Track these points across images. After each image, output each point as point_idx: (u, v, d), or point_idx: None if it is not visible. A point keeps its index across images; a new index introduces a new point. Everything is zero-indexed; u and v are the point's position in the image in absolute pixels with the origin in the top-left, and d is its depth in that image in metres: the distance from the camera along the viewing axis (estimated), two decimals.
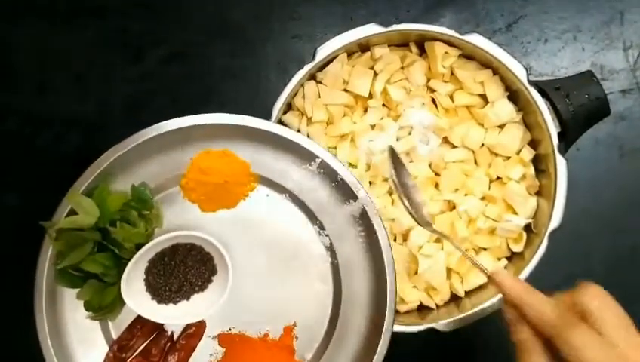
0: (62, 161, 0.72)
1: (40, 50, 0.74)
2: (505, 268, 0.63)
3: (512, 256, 0.64)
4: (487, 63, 0.63)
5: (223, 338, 0.57)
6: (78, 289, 0.54)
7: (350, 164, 0.63)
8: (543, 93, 0.60)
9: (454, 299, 0.64)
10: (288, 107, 0.64)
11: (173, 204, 0.57)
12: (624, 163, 0.71)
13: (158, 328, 0.56)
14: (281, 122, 0.63)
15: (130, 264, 0.52)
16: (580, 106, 0.60)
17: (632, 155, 0.71)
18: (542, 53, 0.72)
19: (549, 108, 0.60)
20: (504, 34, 0.72)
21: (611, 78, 0.72)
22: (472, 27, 0.72)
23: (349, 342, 0.56)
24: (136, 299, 0.53)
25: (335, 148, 0.63)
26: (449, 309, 0.62)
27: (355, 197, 0.55)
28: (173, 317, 0.54)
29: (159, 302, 0.54)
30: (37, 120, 0.73)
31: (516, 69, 0.60)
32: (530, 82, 0.60)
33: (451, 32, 0.60)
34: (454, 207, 0.63)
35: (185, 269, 0.55)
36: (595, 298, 0.39)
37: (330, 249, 0.57)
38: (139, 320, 0.55)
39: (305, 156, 0.56)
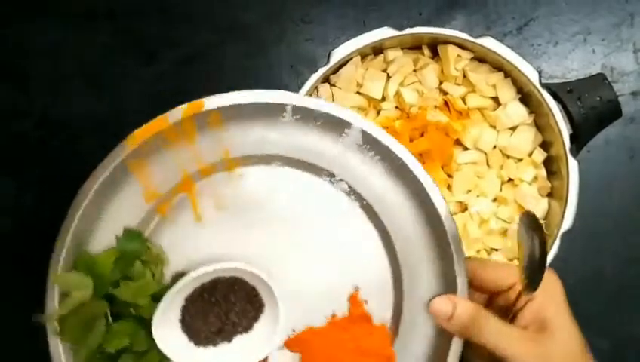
0: (77, 161, 0.73)
1: (54, 52, 0.75)
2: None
3: None
4: (499, 66, 0.63)
5: (291, 345, 0.49)
6: None
7: None
8: (555, 96, 0.60)
9: None
10: None
11: (182, 224, 0.48)
12: (635, 164, 0.71)
13: None
14: None
15: (161, 305, 0.45)
16: (591, 109, 0.60)
17: None
18: (552, 55, 0.73)
19: (560, 111, 0.60)
20: (515, 36, 0.73)
21: (622, 80, 0.72)
22: (483, 30, 0.72)
23: (423, 283, 0.48)
24: (171, 342, 0.46)
25: None
26: None
27: (348, 125, 0.46)
28: None
29: (197, 344, 0.47)
30: (52, 121, 0.74)
31: (528, 71, 0.61)
32: (542, 84, 0.60)
33: (464, 35, 0.61)
34: (466, 209, 0.63)
35: (227, 307, 0.48)
36: None
37: (353, 192, 0.48)
38: None
39: (273, 109, 0.46)
